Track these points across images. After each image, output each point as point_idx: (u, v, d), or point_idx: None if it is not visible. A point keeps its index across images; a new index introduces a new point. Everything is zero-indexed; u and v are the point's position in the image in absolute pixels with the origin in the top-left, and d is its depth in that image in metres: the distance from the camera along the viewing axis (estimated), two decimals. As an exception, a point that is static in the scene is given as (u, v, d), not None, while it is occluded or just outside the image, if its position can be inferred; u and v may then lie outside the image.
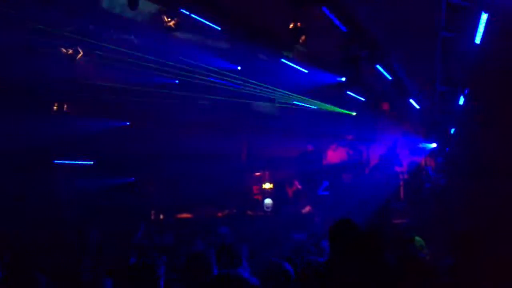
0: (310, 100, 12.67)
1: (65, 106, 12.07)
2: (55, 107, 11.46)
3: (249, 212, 13.20)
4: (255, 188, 14.30)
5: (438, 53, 8.66)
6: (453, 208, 10.38)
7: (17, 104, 9.80)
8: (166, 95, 11.80)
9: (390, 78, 11.43)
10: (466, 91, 9.61)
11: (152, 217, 13.00)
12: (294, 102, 12.97)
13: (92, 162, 12.40)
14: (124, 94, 11.22)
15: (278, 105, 13.57)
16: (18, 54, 9.23)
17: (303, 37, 9.78)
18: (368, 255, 3.67)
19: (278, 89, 12.33)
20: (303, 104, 12.92)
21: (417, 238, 6.46)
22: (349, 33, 9.53)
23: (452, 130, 12.29)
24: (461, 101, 10.11)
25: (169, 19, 9.35)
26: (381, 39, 9.88)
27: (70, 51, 9.87)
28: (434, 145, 13.18)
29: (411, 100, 12.61)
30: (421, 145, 13.41)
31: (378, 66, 10.95)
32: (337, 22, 9.17)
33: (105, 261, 7.24)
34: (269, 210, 13.12)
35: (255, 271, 4.59)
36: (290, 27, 9.56)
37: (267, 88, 11.93)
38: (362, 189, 12.34)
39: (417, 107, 12.83)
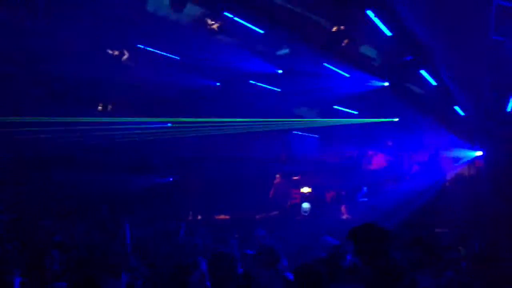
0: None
1: (110, 107, 12.36)
2: (99, 107, 11.72)
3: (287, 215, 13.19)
4: (293, 192, 14.26)
5: (486, 58, 8.41)
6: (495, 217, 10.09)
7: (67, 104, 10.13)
8: (208, 97, 11.90)
9: (434, 83, 11.17)
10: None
11: (190, 217, 13.15)
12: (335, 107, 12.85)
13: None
14: (166, 96, 11.37)
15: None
16: (66, 56, 9.51)
17: (346, 41, 9.67)
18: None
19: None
20: (344, 109, 12.77)
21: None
22: (394, 37, 9.35)
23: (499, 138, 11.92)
24: (510, 107, 9.79)
25: (213, 22, 9.44)
26: (427, 43, 9.66)
27: (117, 53, 10.11)
28: (479, 153, 12.80)
29: (456, 107, 12.30)
30: (465, 153, 13.05)
31: (422, 71, 10.72)
32: (381, 25, 9.03)
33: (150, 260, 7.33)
34: (306, 214, 13.04)
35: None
36: (333, 30, 9.48)
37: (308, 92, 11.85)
38: (403, 196, 12.12)
39: (462, 113, 12.49)
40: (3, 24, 8.39)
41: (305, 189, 14.21)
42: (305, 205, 13.31)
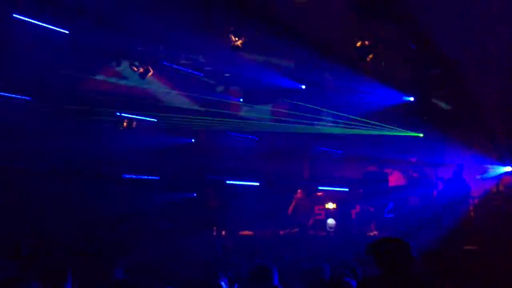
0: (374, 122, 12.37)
1: (134, 123, 12.50)
2: (125, 124, 11.85)
3: (311, 232, 13.03)
4: (316, 208, 14.09)
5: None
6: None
7: (89, 119, 10.26)
8: (230, 114, 11.97)
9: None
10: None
11: (214, 233, 13.11)
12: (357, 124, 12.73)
13: (158, 178, 12.72)
14: (190, 112, 11.46)
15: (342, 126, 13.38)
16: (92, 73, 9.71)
17: (370, 56, 9.59)
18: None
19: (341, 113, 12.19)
20: (367, 126, 12.64)
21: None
22: (419, 51, 9.25)
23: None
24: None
25: (236, 38, 9.49)
26: (453, 56, 9.53)
27: (141, 70, 10.24)
28: (509, 168, 12.47)
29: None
30: (493, 168, 12.73)
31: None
32: (410, 42, 8.94)
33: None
34: (332, 230, 12.88)
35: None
36: (358, 45, 9.42)
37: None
38: (428, 212, 11.88)
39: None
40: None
41: (330, 205, 14.03)
42: (330, 221, 13.15)
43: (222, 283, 4.97)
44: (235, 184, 13.32)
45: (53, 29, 8.51)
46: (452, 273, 5.46)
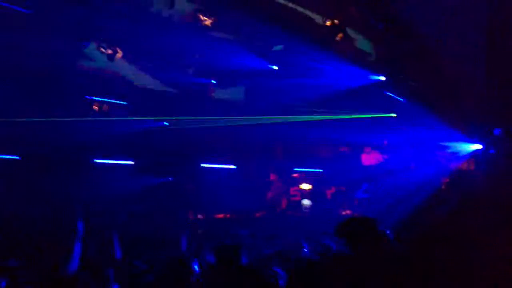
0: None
1: (106, 106, 12.32)
2: (95, 107, 11.67)
3: (288, 212, 13.10)
4: (292, 190, 14.14)
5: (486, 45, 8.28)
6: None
7: (58, 103, 10.07)
8: (203, 95, 11.86)
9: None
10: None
11: (191, 217, 13.06)
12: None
13: (132, 162, 12.58)
14: (161, 94, 11.32)
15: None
16: (59, 54, 9.49)
17: (340, 35, 9.59)
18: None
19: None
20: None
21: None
22: (389, 29, 9.27)
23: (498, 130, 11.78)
24: None
25: (205, 18, 9.39)
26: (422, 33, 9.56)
27: (109, 51, 10.07)
28: (478, 146, 12.63)
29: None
30: (464, 147, 12.89)
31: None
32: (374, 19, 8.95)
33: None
34: (307, 210, 12.98)
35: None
36: (328, 24, 9.41)
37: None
38: (401, 192, 12.01)
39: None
40: None
41: (305, 186, 14.10)
42: (306, 202, 13.24)
43: (195, 267, 4.94)
44: (210, 167, 13.29)
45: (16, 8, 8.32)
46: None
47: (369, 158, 14.02)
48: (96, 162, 11.88)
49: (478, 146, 12.61)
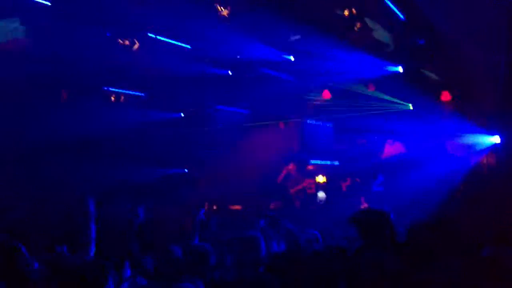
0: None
1: (122, 98, 12.36)
2: (112, 98, 11.73)
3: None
4: (307, 182, 14.08)
5: (504, 34, 8.14)
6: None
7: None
8: (219, 86, 11.84)
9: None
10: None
11: (206, 207, 13.06)
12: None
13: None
14: (176, 84, 11.31)
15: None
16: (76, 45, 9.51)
17: (358, 25, 9.49)
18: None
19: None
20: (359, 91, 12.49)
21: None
22: (407, 20, 9.15)
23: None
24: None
25: (222, 9, 9.34)
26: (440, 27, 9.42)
27: (127, 42, 10.09)
28: (497, 138, 12.40)
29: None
30: (482, 139, 12.67)
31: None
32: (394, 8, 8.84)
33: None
34: (322, 203, 12.92)
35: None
36: (345, 14, 9.31)
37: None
38: (418, 185, 11.87)
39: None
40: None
41: (320, 178, 14.02)
42: (321, 194, 13.18)
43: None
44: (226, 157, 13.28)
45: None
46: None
47: (391, 149, 13.87)
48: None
49: (497, 139, 12.40)
